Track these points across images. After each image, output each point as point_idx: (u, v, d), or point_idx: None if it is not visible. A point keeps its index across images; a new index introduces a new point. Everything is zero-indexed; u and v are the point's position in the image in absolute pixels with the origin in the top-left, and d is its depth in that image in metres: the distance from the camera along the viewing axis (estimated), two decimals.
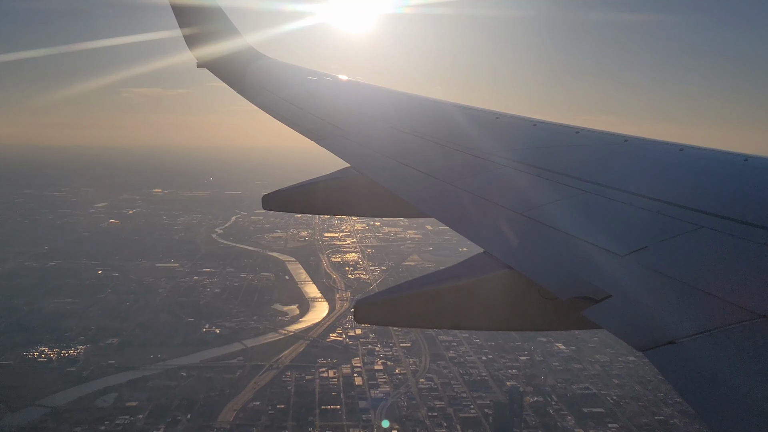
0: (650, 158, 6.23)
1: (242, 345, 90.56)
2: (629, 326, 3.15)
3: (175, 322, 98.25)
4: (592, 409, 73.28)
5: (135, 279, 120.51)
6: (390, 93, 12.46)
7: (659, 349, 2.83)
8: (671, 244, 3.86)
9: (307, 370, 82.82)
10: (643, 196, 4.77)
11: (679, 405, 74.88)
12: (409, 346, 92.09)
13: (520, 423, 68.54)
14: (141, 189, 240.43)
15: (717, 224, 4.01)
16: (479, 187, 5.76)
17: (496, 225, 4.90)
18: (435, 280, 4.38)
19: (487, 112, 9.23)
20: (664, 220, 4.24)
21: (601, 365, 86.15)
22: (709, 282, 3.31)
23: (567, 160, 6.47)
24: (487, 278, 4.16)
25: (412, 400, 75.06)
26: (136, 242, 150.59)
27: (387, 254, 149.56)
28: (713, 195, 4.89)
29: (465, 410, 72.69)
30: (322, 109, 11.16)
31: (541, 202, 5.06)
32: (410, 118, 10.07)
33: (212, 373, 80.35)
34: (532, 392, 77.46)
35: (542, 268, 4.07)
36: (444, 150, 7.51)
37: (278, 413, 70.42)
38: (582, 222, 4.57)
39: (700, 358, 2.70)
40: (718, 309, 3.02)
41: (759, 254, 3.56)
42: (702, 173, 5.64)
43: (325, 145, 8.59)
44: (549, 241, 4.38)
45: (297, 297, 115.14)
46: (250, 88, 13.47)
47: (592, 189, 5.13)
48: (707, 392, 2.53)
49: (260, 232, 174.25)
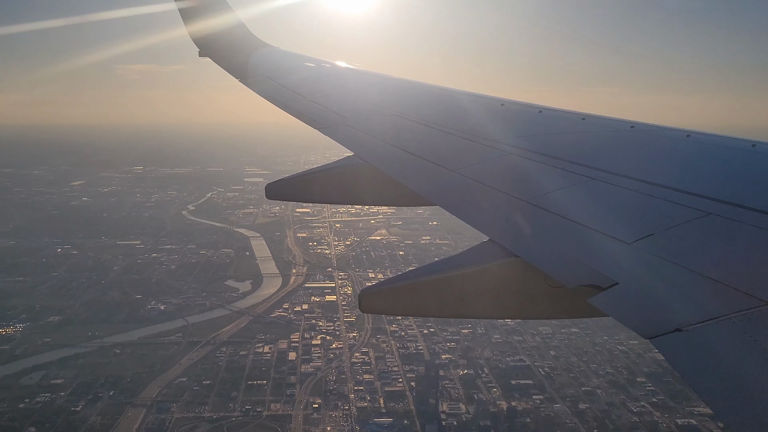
0: (657, 145, 6.22)
1: (184, 321, 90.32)
2: (636, 314, 3.16)
3: (123, 299, 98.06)
4: (520, 381, 72.92)
5: (92, 257, 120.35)
6: (393, 80, 12.53)
7: (666, 336, 2.82)
8: (678, 231, 3.84)
9: (244, 345, 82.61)
10: (649, 183, 4.75)
11: (609, 376, 74.78)
12: (353, 320, 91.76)
13: (436, 395, 68.22)
14: (121, 167, 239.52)
15: (724, 211, 3.99)
16: (484, 175, 5.75)
17: (502, 213, 4.94)
18: (440, 269, 4.36)
19: (492, 99, 9.14)
20: (671, 206, 4.22)
21: (542, 337, 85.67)
22: (716, 269, 3.31)
23: (573, 147, 6.41)
24: (492, 266, 4.15)
25: (341, 375, 74.85)
26: (104, 220, 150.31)
27: (355, 229, 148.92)
28: (721, 181, 4.85)
29: (393, 384, 72.48)
30: (325, 97, 11.16)
31: (546, 190, 5.07)
32: (414, 105, 10.07)
33: (147, 350, 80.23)
34: (465, 365, 77.17)
35: (548, 255, 4.05)
36: (449, 137, 7.50)
37: (203, 389, 70.32)
38: (588, 209, 4.56)
39: (706, 346, 2.72)
40: (726, 296, 3.01)
41: (767, 241, 3.53)
42: (709, 159, 5.59)
43: (329, 133, 8.58)
44: (555, 229, 4.37)
45: (252, 273, 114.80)
46: (252, 77, 13.58)
47: (598, 176, 5.13)
48: (714, 380, 2.54)
49: (232, 208, 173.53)
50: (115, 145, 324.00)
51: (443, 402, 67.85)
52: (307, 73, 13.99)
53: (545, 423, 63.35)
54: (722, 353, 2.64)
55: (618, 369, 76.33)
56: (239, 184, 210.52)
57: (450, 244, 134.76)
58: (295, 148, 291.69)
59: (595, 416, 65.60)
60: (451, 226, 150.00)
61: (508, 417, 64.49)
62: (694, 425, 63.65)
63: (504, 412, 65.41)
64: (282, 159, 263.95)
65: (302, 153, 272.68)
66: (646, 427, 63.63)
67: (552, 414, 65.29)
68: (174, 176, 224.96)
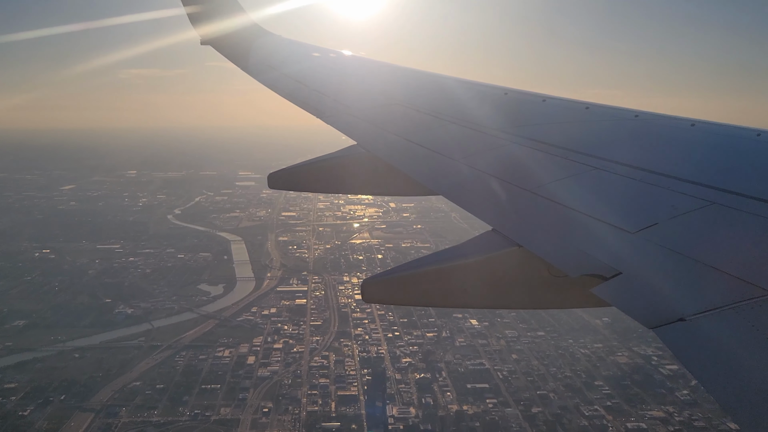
0: (661, 134, 6.18)
1: (150, 326, 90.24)
2: (639, 304, 3.14)
3: (92, 303, 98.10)
4: (476, 384, 72.28)
5: (69, 261, 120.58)
6: (396, 69, 12.50)
7: (669, 326, 2.82)
8: (682, 220, 3.84)
9: (204, 350, 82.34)
10: (653, 172, 4.74)
11: (567, 379, 74.05)
12: (319, 324, 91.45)
13: (383, 398, 67.73)
14: (114, 171, 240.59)
15: (728, 200, 3.98)
16: (487, 164, 5.75)
17: (505, 202, 4.90)
18: (442, 259, 4.37)
19: (496, 88, 9.09)
20: (675, 196, 4.21)
21: (507, 340, 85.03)
22: (720, 259, 3.29)
23: (577, 136, 6.39)
24: (495, 256, 4.15)
25: (297, 379, 74.46)
26: (87, 224, 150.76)
27: (338, 232, 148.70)
28: (725, 171, 4.82)
29: (347, 388, 71.97)
30: (328, 86, 11.25)
31: (550, 179, 5.05)
32: (417, 94, 10.03)
33: (107, 354, 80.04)
34: (424, 369, 76.64)
35: (551, 245, 4.03)
36: (451, 127, 7.47)
37: (155, 393, 70.03)
38: (592, 199, 4.56)
39: (710, 336, 2.72)
40: (729, 286, 3.00)
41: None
42: (713, 149, 5.57)
43: (330, 122, 8.58)
44: (558, 219, 4.35)
45: (227, 277, 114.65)
46: (254, 65, 13.56)
47: (602, 165, 5.12)
48: (717, 370, 2.54)
49: (219, 212, 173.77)
50: (113, 150, 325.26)
51: (394, 406, 67.30)
52: (311, 62, 13.99)
53: (491, 427, 62.60)
54: (725, 343, 2.63)
55: (577, 372, 75.54)
56: (230, 188, 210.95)
57: (430, 248, 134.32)
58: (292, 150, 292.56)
59: (546, 420, 64.87)
60: (435, 230, 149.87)
61: (456, 420, 63.85)
62: (643, 428, 62.88)
63: (452, 415, 64.77)
64: (277, 164, 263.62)
65: (299, 157, 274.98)
66: (595, 430, 62.86)
67: (497, 418, 64.50)
68: (166, 180, 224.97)
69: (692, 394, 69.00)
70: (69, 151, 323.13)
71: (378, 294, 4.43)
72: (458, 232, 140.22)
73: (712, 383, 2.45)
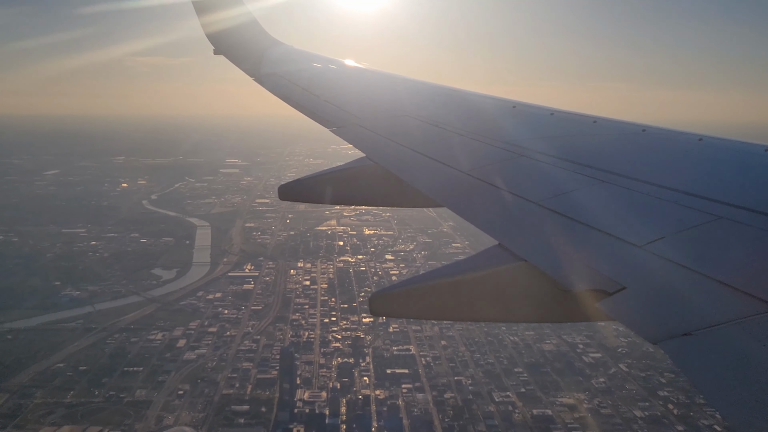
0: (668, 148, 6.23)
1: (91, 308, 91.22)
2: (644, 318, 3.14)
3: (40, 285, 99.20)
4: (396, 370, 72.66)
5: (31, 244, 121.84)
6: (405, 81, 12.68)
7: (674, 340, 2.82)
8: (689, 234, 3.84)
9: (138, 333, 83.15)
10: (661, 186, 4.76)
11: (489, 366, 74.20)
12: (259, 309, 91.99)
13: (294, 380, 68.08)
14: (102, 156, 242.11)
15: (736, 215, 3.99)
16: (495, 178, 5.76)
17: (512, 216, 4.92)
18: (450, 272, 4.41)
19: (504, 101, 9.23)
20: (682, 210, 4.22)
21: (440, 327, 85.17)
22: (727, 273, 3.28)
23: (584, 150, 6.45)
24: (501, 270, 4.18)
25: (222, 363, 75.13)
26: (60, 208, 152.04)
27: (306, 220, 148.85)
28: (732, 185, 4.88)
29: (268, 372, 72.53)
30: (339, 97, 11.39)
31: (557, 192, 5.09)
32: (426, 106, 10.20)
33: (40, 335, 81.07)
34: (349, 354, 77.08)
35: (556, 259, 4.06)
36: (460, 139, 7.55)
37: (76, 375, 70.93)
38: (599, 212, 4.58)
39: (716, 350, 2.70)
40: (736, 300, 3.00)
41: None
42: (721, 163, 5.62)
43: (341, 133, 8.69)
44: (564, 232, 4.37)
45: (183, 261, 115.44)
46: (266, 75, 13.95)
47: (609, 179, 5.16)
48: (724, 385, 2.52)
49: (195, 198, 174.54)
50: (111, 136, 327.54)
51: (306, 390, 67.83)
52: (320, 73, 14.36)
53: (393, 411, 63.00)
54: (732, 358, 2.61)
55: (500, 359, 75.69)
56: (212, 175, 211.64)
57: (393, 235, 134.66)
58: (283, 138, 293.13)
59: (455, 405, 65.13)
60: (402, 218, 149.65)
61: (362, 406, 64.27)
62: (549, 415, 63.05)
63: (359, 400, 65.21)
64: (265, 151, 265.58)
65: (288, 144, 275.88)
66: (501, 416, 63.07)
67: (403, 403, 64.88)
68: (152, 166, 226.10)
69: (608, 382, 69.18)
70: (65, 137, 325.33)
71: (386, 307, 4.46)
72: (425, 221, 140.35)
73: (718, 398, 2.43)
